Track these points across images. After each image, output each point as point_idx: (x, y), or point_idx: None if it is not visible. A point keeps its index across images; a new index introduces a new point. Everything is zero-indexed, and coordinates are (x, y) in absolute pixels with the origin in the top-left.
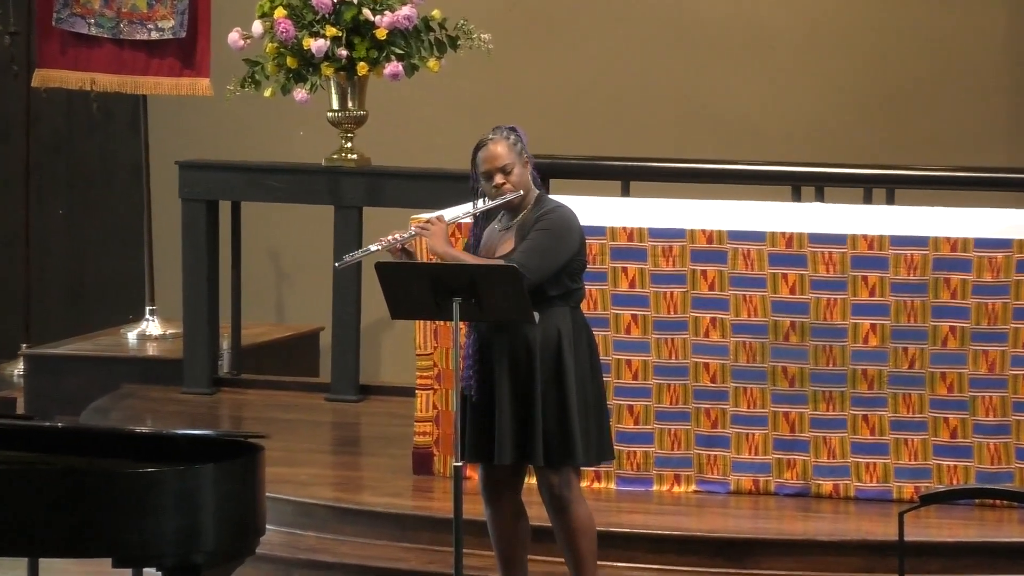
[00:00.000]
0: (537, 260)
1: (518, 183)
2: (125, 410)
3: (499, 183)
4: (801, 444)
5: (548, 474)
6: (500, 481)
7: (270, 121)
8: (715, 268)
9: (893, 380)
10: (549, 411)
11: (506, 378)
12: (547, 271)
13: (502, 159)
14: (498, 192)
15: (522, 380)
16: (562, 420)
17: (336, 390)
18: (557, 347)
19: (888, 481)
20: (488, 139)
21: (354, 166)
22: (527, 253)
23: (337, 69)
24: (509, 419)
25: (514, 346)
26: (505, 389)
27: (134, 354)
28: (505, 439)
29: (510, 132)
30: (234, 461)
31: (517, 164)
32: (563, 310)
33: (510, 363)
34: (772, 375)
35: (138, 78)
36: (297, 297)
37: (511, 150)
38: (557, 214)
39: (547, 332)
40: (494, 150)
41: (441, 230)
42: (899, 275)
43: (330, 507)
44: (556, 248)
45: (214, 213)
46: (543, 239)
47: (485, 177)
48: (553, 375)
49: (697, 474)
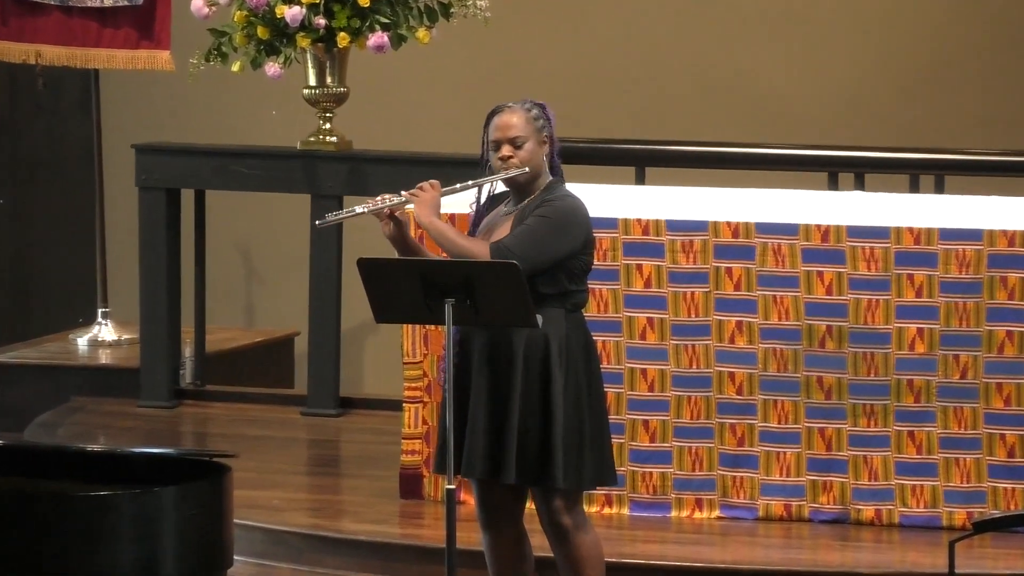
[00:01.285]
0: (527, 248)
1: (527, 160)
2: (74, 426)
3: (505, 155)
4: (839, 464)
5: (546, 498)
6: (499, 505)
7: (238, 100)
8: (741, 265)
9: (943, 392)
10: (529, 424)
11: (483, 379)
12: (537, 263)
13: (514, 129)
14: (503, 166)
15: (500, 385)
16: (543, 436)
17: (313, 403)
18: (544, 353)
19: (937, 506)
20: (506, 106)
21: (333, 150)
22: (518, 238)
23: (314, 40)
24: (482, 427)
25: (494, 345)
26: (481, 392)
27: (85, 362)
28: (475, 448)
29: (534, 106)
30: (197, 483)
31: (531, 140)
32: (556, 312)
33: (488, 364)
34: (806, 386)
35: (89, 50)
36: (269, 298)
37: (528, 123)
38: (563, 202)
39: (534, 335)
40: (508, 118)
41: (432, 198)
42: (950, 273)
43: (306, 535)
44: (553, 239)
45: (175, 203)
46: (539, 226)
47: (493, 147)
48: (537, 384)
49: (721, 498)
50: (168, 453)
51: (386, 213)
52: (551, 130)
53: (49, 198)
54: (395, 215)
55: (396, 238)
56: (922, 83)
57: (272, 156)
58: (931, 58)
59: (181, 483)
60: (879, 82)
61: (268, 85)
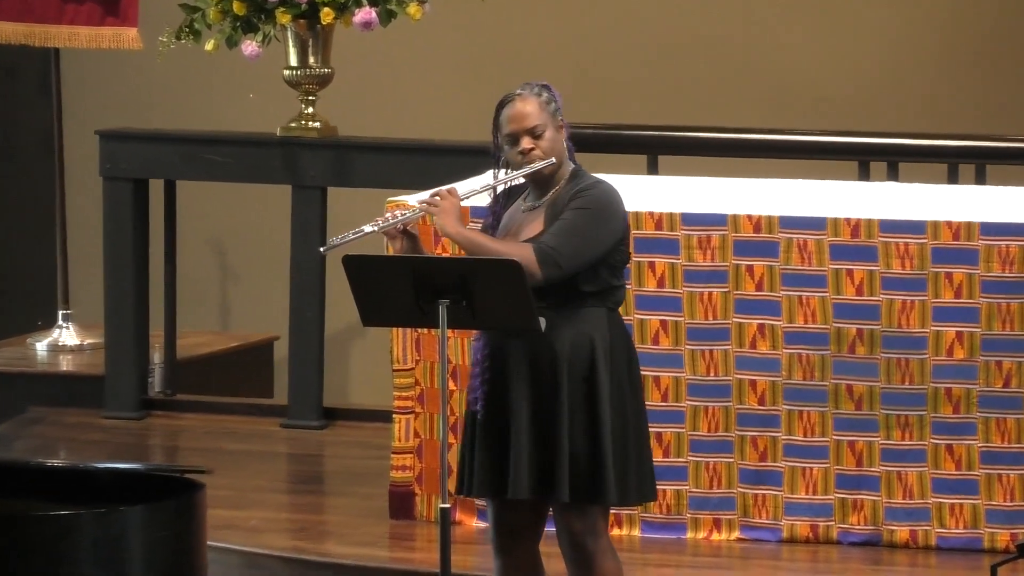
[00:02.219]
0: (573, 244)
1: (550, 150)
2: (33, 438)
3: (526, 148)
4: (870, 481)
5: (570, 517)
6: (519, 527)
7: (212, 82)
8: (763, 263)
9: (984, 401)
10: (577, 436)
11: (525, 393)
12: (584, 259)
13: (531, 119)
14: (525, 160)
15: (545, 396)
16: (593, 449)
17: (294, 414)
18: (590, 358)
19: (978, 526)
20: (515, 94)
21: (316, 137)
22: (560, 235)
23: (295, 16)
24: (528, 443)
25: (535, 353)
26: (523, 406)
27: (44, 369)
28: (522, 468)
29: (543, 89)
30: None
31: (550, 127)
32: (598, 312)
33: (530, 374)
34: (834, 395)
35: (49, 27)
36: (246, 299)
37: (543, 109)
38: (599, 190)
39: (578, 339)
40: (522, 108)
41: (453, 206)
42: (991, 271)
43: (287, 559)
44: (596, 231)
45: (143, 195)
46: (581, 219)
47: (509, 141)
48: (583, 392)
49: (742, 518)
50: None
51: (399, 229)
52: (561, 112)
53: (4, 190)
54: (407, 230)
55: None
56: (963, 62)
57: (249, 143)
58: (973, 34)
59: (149, 502)
60: (915, 61)
61: (245, 66)
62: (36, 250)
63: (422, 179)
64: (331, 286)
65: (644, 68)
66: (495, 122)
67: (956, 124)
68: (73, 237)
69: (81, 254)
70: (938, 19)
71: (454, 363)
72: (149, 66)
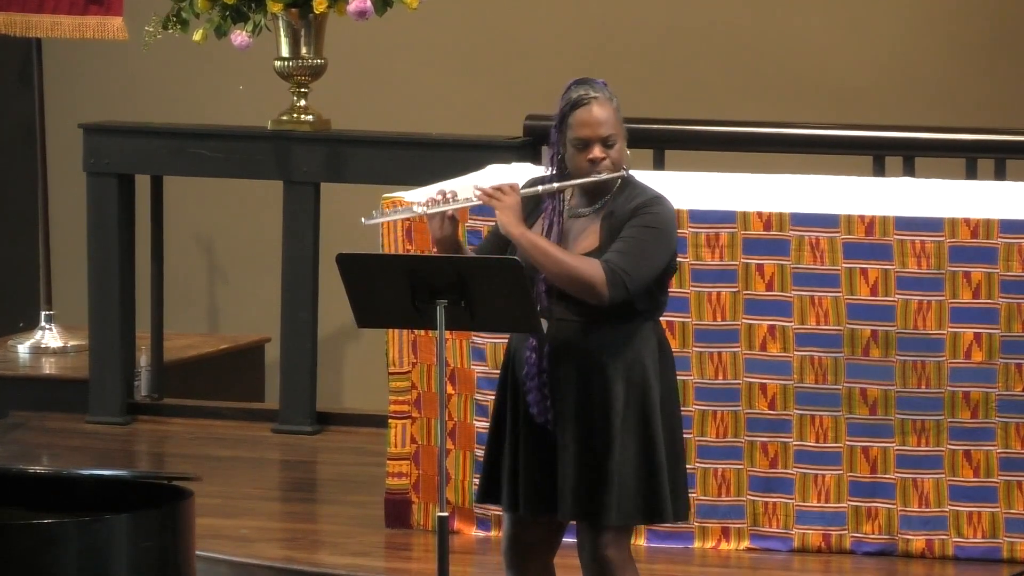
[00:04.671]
0: (641, 268)
1: (619, 161)
2: (13, 444)
3: (598, 157)
4: (885, 488)
5: (596, 530)
6: (536, 543)
7: (200, 73)
8: (774, 261)
9: (1003, 406)
10: (627, 458)
11: (572, 408)
12: (647, 280)
13: (607, 127)
14: (594, 168)
15: (597, 415)
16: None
17: (286, 419)
18: (643, 377)
19: (997, 536)
20: (591, 97)
21: (309, 130)
22: (630, 257)
23: (287, 5)
24: (575, 464)
25: (589, 369)
26: (570, 422)
27: (25, 372)
28: (567, 489)
29: (613, 95)
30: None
31: (620, 137)
32: (647, 328)
33: (579, 389)
34: (847, 399)
35: (31, 16)
36: (236, 300)
37: (616, 118)
38: (662, 208)
39: (633, 357)
40: (599, 115)
41: (516, 203)
42: (1011, 271)
43: (279, 569)
44: (661, 253)
45: (128, 190)
46: (648, 240)
47: (579, 145)
48: (639, 413)
49: (751, 527)
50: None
51: (448, 215)
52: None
53: None
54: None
55: (448, 240)
56: (981, 52)
57: (239, 137)
58: (993, 23)
59: (135, 510)
60: (932, 51)
61: (235, 56)
62: (17, 248)
63: (418, 175)
64: (324, 286)
65: (650, 59)
66: (562, 119)
67: (975, 117)
68: (56, 235)
69: (64, 252)
70: (956, 7)
71: (452, 366)
72: (135, 57)
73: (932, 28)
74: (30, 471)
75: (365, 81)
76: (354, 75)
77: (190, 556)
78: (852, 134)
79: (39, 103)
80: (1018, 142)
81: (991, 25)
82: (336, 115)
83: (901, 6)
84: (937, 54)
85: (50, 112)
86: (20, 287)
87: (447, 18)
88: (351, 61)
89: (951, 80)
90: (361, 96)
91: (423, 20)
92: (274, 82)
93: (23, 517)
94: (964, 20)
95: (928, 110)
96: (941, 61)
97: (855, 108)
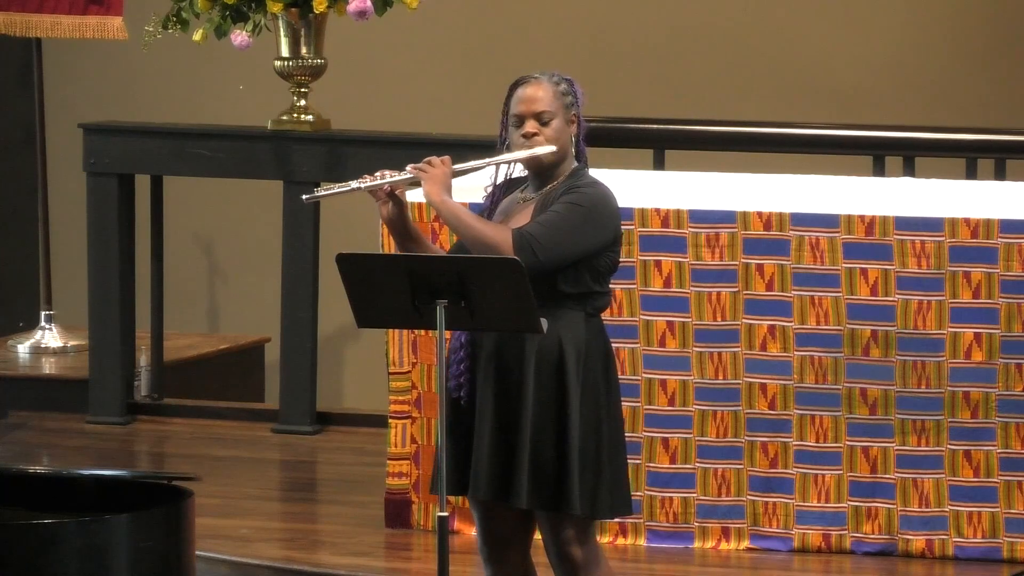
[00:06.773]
0: (554, 236)
1: (554, 139)
2: (13, 444)
3: (530, 131)
4: (885, 488)
5: (554, 526)
6: (506, 536)
7: (200, 73)
8: (774, 261)
9: (1003, 406)
10: (542, 441)
11: (490, 390)
12: (562, 254)
13: (541, 103)
14: (527, 144)
15: (509, 395)
16: (558, 455)
17: (286, 419)
18: (559, 361)
19: (996, 536)
20: (532, 77)
21: (309, 130)
22: (543, 226)
23: (287, 5)
24: (488, 442)
25: (502, 350)
26: (488, 404)
27: (26, 372)
28: (482, 467)
29: (563, 80)
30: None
31: (559, 117)
32: (575, 315)
33: (496, 371)
34: (847, 399)
35: (30, 16)
36: (236, 300)
37: (556, 97)
38: (593, 190)
39: (547, 340)
40: (534, 91)
41: (443, 175)
42: (1011, 271)
43: (279, 569)
44: (582, 229)
45: (128, 190)
46: (567, 214)
47: (515, 122)
48: (552, 396)
49: (751, 527)
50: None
51: (385, 191)
52: (579, 110)
53: None
54: (395, 194)
55: (395, 221)
56: (982, 52)
57: (239, 137)
58: (994, 23)
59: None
60: (933, 50)
61: (235, 56)
62: (18, 248)
63: None
64: (324, 286)
65: (650, 59)
66: (506, 102)
67: (975, 117)
68: (56, 235)
69: (64, 252)
70: (956, 7)
71: None
72: (135, 57)
73: (932, 28)
74: (30, 471)
75: (365, 81)
76: (354, 75)
77: (190, 556)
78: (852, 134)
79: (39, 103)
80: (1018, 142)
81: (991, 25)
82: (336, 115)
83: (901, 6)
84: (937, 54)
85: (50, 112)
86: (20, 287)
87: (447, 18)
88: (351, 61)
89: (951, 80)
90: (361, 96)
91: (423, 20)
92: (274, 82)
93: (23, 517)
94: (964, 20)
95: (928, 110)
96: (941, 61)
97: (855, 108)
